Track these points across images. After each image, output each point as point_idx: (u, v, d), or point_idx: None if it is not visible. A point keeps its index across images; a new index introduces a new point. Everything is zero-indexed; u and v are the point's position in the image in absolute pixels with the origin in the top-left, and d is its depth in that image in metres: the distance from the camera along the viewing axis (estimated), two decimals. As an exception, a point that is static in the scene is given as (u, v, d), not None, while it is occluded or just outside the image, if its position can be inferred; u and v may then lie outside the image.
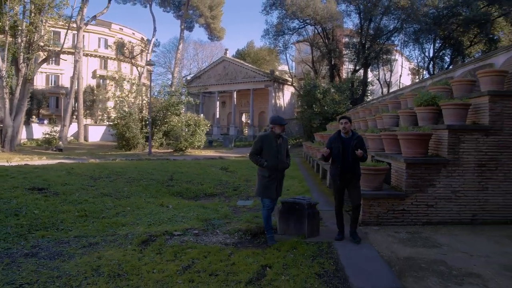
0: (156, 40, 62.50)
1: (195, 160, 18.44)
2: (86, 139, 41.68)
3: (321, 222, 6.34)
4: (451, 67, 35.68)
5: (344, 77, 40.74)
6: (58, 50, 30.09)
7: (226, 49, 53.88)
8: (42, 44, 24.93)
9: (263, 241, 5.68)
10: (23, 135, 34.22)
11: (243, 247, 5.42)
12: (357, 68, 39.44)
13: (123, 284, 4.00)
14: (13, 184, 8.57)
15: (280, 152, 5.68)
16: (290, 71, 51.32)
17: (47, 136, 31.10)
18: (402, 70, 46.77)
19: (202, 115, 34.56)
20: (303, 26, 40.01)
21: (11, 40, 23.73)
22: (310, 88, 31.50)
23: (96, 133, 43.76)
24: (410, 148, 6.79)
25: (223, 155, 25.04)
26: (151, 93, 27.53)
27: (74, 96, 39.10)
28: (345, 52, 40.88)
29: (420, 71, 44.31)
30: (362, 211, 6.47)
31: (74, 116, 44.82)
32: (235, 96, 50.00)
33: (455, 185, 6.73)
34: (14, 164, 14.40)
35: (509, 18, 31.94)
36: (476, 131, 6.75)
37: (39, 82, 53.46)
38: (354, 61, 39.31)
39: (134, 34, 65.06)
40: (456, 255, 5.09)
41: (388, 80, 46.15)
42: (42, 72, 48.24)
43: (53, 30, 29.11)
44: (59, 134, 32.81)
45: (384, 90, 46.06)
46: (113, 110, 33.12)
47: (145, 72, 46.44)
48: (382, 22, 37.35)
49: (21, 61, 23.88)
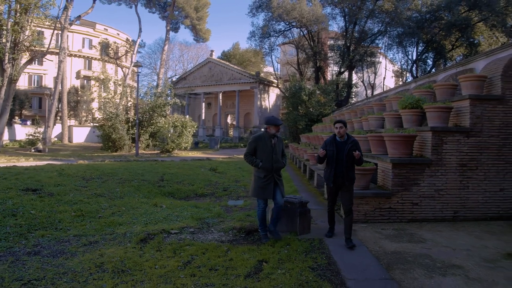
0: (142, 41, 62.37)
1: (183, 161, 18.52)
2: (70, 140, 41.14)
3: (311, 221, 6.61)
4: (433, 70, 36.61)
5: (329, 79, 41.09)
6: (44, 50, 29.64)
7: (211, 50, 54.10)
8: (28, 45, 24.58)
9: (257, 238, 5.91)
10: (5, 136, 33.57)
11: (239, 244, 5.64)
12: (342, 70, 39.85)
13: (128, 279, 4.18)
14: (6, 185, 8.58)
15: (275, 152, 5.75)
16: (276, 73, 51.69)
17: (31, 137, 30.47)
18: (386, 72, 47.57)
19: (188, 116, 34.46)
20: (289, 28, 40.47)
21: (-4, 40, 23.35)
22: (296, 90, 31.57)
23: (80, 134, 43.22)
24: (395, 149, 7.12)
25: (210, 156, 25.13)
26: (138, 94, 27.37)
27: (58, 96, 38.53)
28: (330, 55, 41.30)
29: (404, 73, 45.15)
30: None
31: (58, 117, 44.20)
32: (220, 98, 50.21)
33: (438, 184, 7.10)
34: (2, 165, 14.27)
35: (488, 23, 32.95)
36: (457, 132, 7.12)
37: (22, 83, 52.43)
38: (339, 63, 39.72)
39: (119, 35, 64.51)
40: (440, 249, 5.43)
41: (372, 82, 46.95)
42: (25, 72, 47.36)
43: (37, 30, 28.46)
44: (43, 135, 32.20)
45: (369, 92, 46.82)
46: (98, 111, 32.68)
47: (130, 73, 46.07)
48: (366, 25, 38.01)
49: (6, 61, 23.50)
